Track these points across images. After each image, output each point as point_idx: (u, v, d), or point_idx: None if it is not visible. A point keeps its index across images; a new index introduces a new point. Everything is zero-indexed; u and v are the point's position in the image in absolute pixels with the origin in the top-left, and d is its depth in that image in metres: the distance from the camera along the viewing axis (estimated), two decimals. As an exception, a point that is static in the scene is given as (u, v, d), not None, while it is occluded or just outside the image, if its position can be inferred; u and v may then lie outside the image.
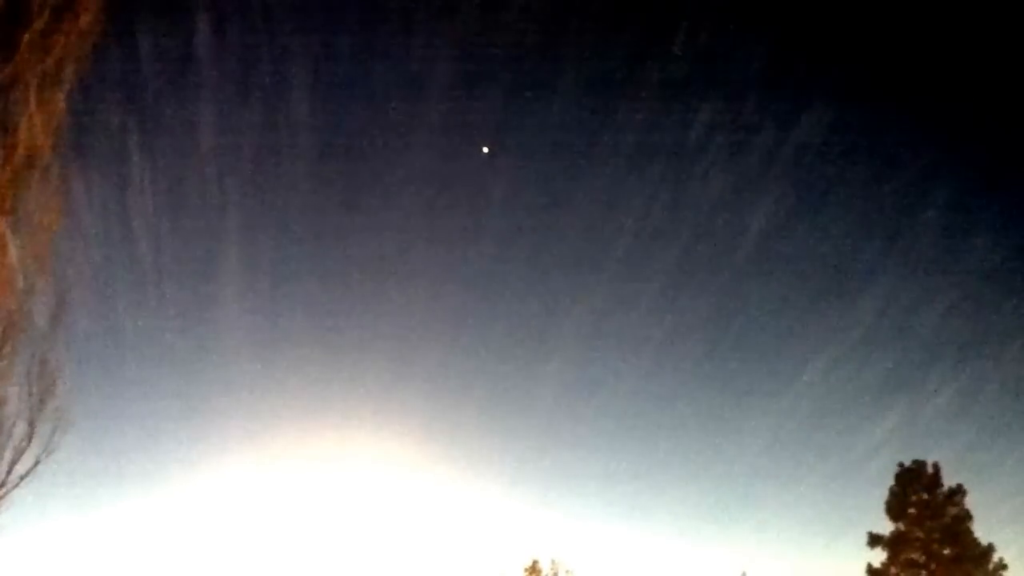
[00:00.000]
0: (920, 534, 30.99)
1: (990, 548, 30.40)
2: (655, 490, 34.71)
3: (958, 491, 31.17)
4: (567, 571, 33.50)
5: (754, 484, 34.31)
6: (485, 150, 29.87)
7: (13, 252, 13.84)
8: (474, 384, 33.92)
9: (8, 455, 14.29)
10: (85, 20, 13.92)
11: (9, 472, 14.22)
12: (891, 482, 31.69)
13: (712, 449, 35.09)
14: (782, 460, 34.77)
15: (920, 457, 31.79)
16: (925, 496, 31.23)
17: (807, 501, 33.79)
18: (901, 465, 31.78)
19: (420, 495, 31.29)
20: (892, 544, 31.26)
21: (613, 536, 33.79)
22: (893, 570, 31.13)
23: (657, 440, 35.00)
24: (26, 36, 13.45)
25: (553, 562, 33.58)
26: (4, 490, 14.17)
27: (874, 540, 31.49)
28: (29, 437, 14.47)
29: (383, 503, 30.41)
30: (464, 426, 33.30)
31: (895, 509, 31.38)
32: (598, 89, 29.95)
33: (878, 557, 31.39)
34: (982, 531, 30.63)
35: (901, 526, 31.26)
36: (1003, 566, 30.20)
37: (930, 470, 31.47)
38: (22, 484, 14.35)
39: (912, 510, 31.17)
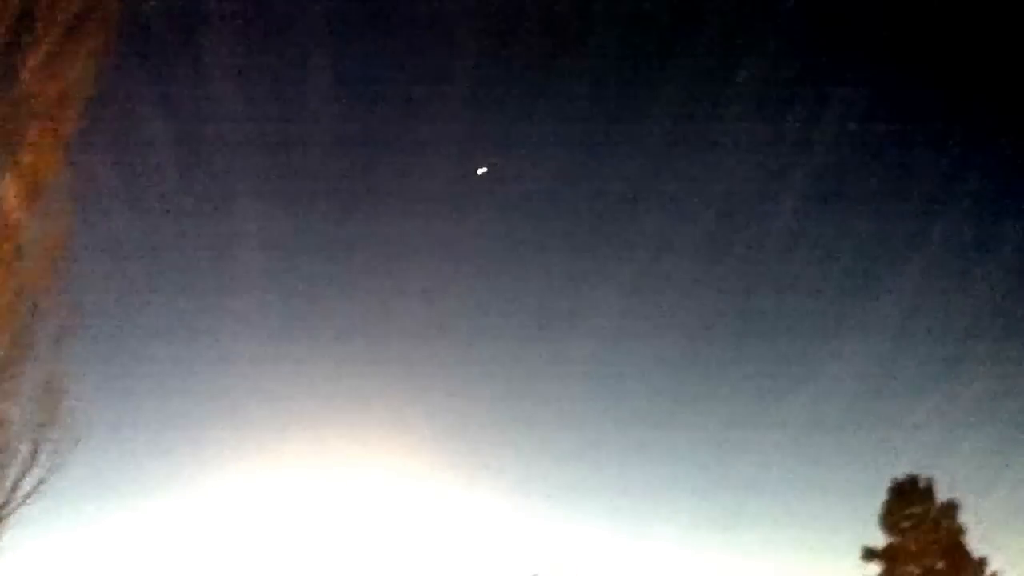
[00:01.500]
0: (914, 548, 31.17)
1: (984, 562, 30.64)
2: (657, 500, 34.71)
3: (952, 505, 31.45)
4: (570, 582, 33.41)
5: (754, 495, 34.34)
6: (482, 170, 29.93)
7: (20, 271, 13.95)
8: (481, 392, 33.86)
9: (13, 473, 14.34)
10: (94, 41, 14.06)
11: (14, 490, 14.27)
12: (885, 496, 31.97)
13: (714, 462, 35.09)
14: (781, 473, 34.84)
15: (914, 471, 32.12)
16: (919, 510, 31.45)
17: (805, 514, 33.87)
18: (895, 480, 32.05)
19: (426, 504, 31.29)
20: (887, 557, 31.44)
21: (616, 546, 33.72)
22: (888, 583, 31.35)
23: (660, 450, 34.95)
24: (33, 58, 13.58)
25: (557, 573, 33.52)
26: (9, 508, 14.20)
27: (869, 554, 31.67)
28: (34, 456, 14.51)
29: (390, 512, 30.44)
30: (470, 434, 33.27)
31: (889, 523, 31.55)
32: (617, 82, 30.16)
33: (873, 571, 31.63)
34: (976, 544, 30.94)
35: (895, 540, 31.46)
36: (997, 579, 30.42)
37: (923, 484, 31.76)
38: (27, 503, 14.43)
39: (906, 524, 31.35)
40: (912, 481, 31.92)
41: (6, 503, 14.29)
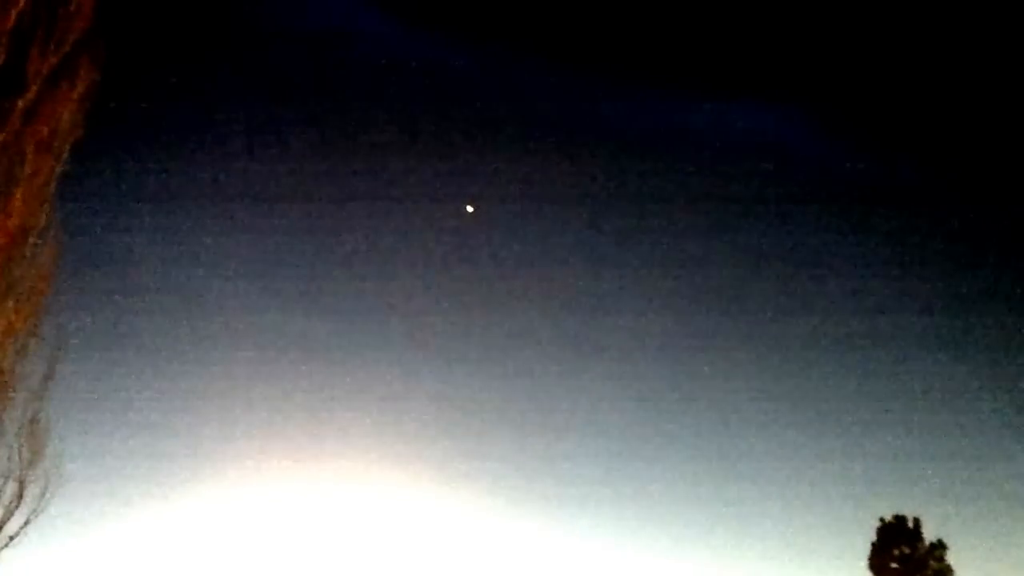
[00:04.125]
0: (903, 589, 31.17)
1: (973, 602, 30.67)
2: (647, 532, 34.41)
3: (939, 546, 31.51)
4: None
5: (743, 536, 34.16)
6: (469, 209, 30.39)
7: (6, 311, 14.10)
8: (480, 397, 33.72)
9: (-1, 514, 14.42)
10: (81, 87, 14.39)
11: (0, 530, 14.32)
12: (872, 537, 31.99)
13: (706, 498, 34.92)
14: (768, 516, 34.68)
15: (901, 512, 32.19)
16: (907, 551, 31.47)
17: (793, 555, 33.71)
18: (882, 520, 32.10)
19: (424, 517, 31.04)
20: (875, 599, 31.40)
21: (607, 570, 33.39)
22: (878, 625, 31.23)
23: (649, 482, 34.76)
24: (20, 103, 13.87)
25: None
26: (-5, 549, 14.25)
27: (858, 595, 31.66)
28: (19, 497, 14.61)
29: (389, 526, 30.22)
30: (469, 440, 33.04)
31: (877, 564, 31.55)
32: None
33: (862, 613, 31.53)
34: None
35: (884, 581, 31.46)
36: (986, 619, 30.41)
37: (911, 525, 31.83)
38: (12, 544, 14.45)
39: (894, 565, 31.35)
40: (900, 521, 32.00)
41: (-8, 544, 14.33)
